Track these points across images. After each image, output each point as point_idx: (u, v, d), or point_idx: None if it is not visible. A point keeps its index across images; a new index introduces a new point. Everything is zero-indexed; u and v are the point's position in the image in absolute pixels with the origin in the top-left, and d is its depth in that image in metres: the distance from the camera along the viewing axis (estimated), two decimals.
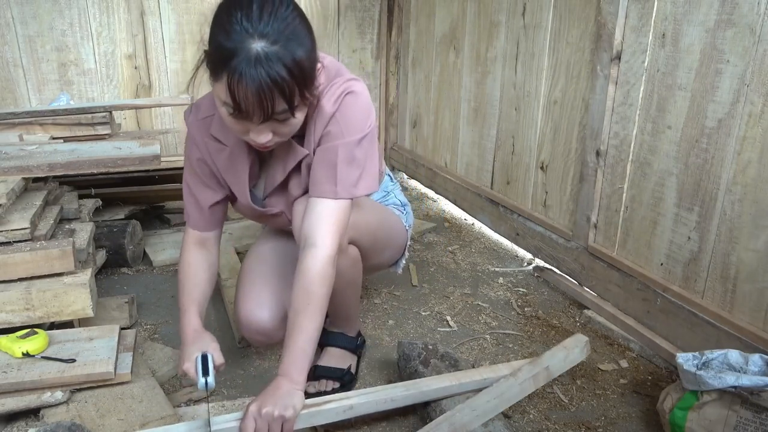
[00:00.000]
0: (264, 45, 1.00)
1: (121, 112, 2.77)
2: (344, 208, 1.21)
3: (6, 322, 1.38)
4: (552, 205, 2.11)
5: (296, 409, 1.08)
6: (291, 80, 1.02)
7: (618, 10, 1.67)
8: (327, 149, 1.21)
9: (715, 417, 1.18)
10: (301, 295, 1.16)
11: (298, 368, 1.14)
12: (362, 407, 1.22)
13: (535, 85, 2.12)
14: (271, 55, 1.00)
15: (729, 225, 1.44)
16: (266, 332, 1.41)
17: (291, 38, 1.03)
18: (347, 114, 1.20)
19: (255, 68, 0.99)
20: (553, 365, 1.32)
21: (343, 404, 1.20)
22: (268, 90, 1.01)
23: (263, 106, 1.03)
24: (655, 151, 1.63)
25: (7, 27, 2.55)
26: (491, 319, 1.84)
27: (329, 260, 1.18)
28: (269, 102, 1.02)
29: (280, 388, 1.10)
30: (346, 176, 1.20)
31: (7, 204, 1.45)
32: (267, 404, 1.05)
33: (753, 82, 1.34)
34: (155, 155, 1.77)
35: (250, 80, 1.00)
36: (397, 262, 1.65)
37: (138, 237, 2.17)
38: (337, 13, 3.11)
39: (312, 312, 1.16)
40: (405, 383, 1.28)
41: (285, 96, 1.03)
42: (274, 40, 1.01)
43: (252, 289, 1.42)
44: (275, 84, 1.01)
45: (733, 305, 1.45)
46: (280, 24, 1.02)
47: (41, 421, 1.23)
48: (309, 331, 1.15)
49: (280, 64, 1.01)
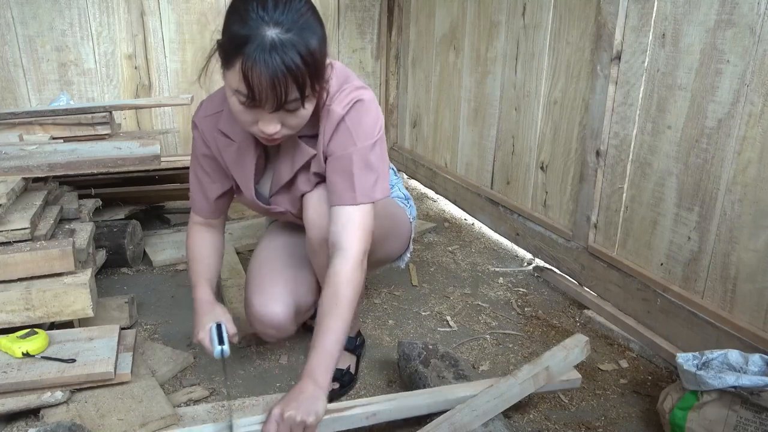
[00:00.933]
0: (279, 32, 1.02)
1: (121, 112, 2.77)
2: (366, 212, 1.23)
3: (6, 322, 1.38)
4: (552, 205, 2.11)
5: (319, 415, 1.07)
6: (304, 68, 1.04)
7: (618, 10, 1.67)
8: (341, 157, 1.22)
9: (715, 417, 1.18)
10: (330, 298, 1.17)
11: (324, 370, 1.13)
12: (386, 414, 1.21)
13: (535, 85, 2.12)
14: (286, 42, 1.02)
15: (729, 225, 1.44)
16: (279, 326, 1.40)
17: (305, 28, 1.04)
18: (358, 122, 1.21)
19: (270, 54, 1.01)
20: (553, 365, 1.31)
21: (367, 410, 1.19)
22: (282, 76, 1.02)
23: (276, 92, 1.04)
24: (655, 151, 1.63)
25: (7, 27, 2.55)
26: (491, 319, 1.84)
27: (358, 263, 1.20)
28: (282, 88, 1.03)
29: (304, 392, 1.09)
30: (364, 182, 1.22)
31: (7, 204, 1.45)
32: (290, 408, 1.05)
33: (753, 82, 1.34)
34: (155, 155, 1.77)
35: (264, 66, 1.01)
36: (401, 255, 1.65)
37: (138, 237, 2.17)
38: (337, 13, 3.11)
39: (340, 314, 1.16)
40: (430, 390, 1.27)
41: (298, 84, 1.04)
42: (288, 28, 1.02)
43: (264, 282, 1.42)
44: (289, 71, 1.02)
45: (733, 305, 1.45)
46: (294, 14, 1.04)
47: (41, 421, 1.23)
48: (336, 332, 1.15)
49: (294, 51, 1.02)
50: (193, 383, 1.48)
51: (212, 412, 1.32)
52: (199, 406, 1.35)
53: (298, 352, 1.64)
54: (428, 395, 1.25)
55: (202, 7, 2.82)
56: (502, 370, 1.58)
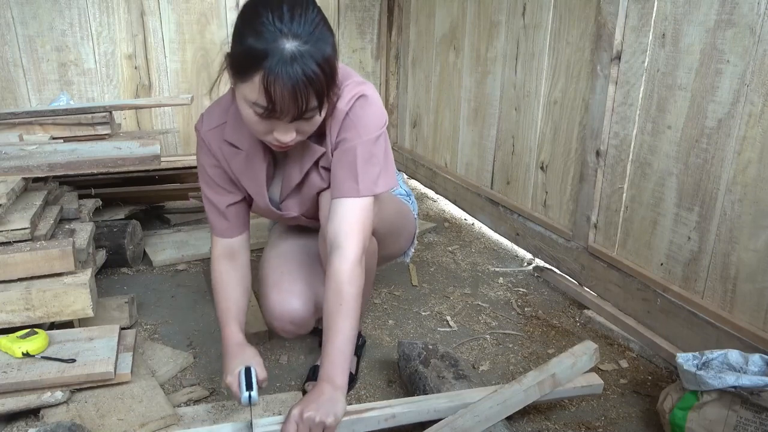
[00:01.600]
0: (297, 45, 1.02)
1: (121, 112, 2.77)
2: (367, 206, 1.23)
3: (6, 322, 1.38)
4: (552, 205, 2.11)
5: (338, 416, 1.08)
6: (323, 77, 1.05)
7: (618, 10, 1.67)
8: (345, 150, 1.22)
9: (715, 417, 1.18)
10: (333, 297, 1.17)
11: (340, 371, 1.13)
12: (404, 416, 1.20)
13: (535, 85, 2.12)
14: (305, 54, 1.02)
15: (729, 225, 1.44)
16: (299, 321, 1.39)
17: (320, 38, 1.05)
18: (362, 116, 1.21)
19: (291, 66, 1.01)
20: (559, 372, 1.30)
21: (385, 412, 1.19)
22: (304, 87, 1.03)
23: (298, 103, 1.05)
24: (655, 151, 1.63)
25: (7, 27, 2.55)
26: (491, 319, 1.84)
27: (357, 261, 1.19)
28: (304, 99, 1.04)
29: (323, 394, 1.09)
30: (367, 174, 1.22)
31: (7, 204, 1.45)
32: (309, 409, 1.05)
33: (753, 82, 1.34)
34: (155, 155, 1.77)
35: (287, 78, 1.01)
36: (406, 251, 1.65)
37: (138, 237, 2.17)
38: (337, 13, 3.12)
39: (346, 312, 1.16)
40: (448, 394, 1.27)
41: (318, 94, 1.05)
42: (305, 40, 1.03)
43: (282, 279, 1.41)
44: (311, 83, 1.03)
45: (733, 305, 1.45)
46: (310, 25, 1.04)
47: (41, 421, 1.23)
48: (345, 331, 1.15)
49: (313, 61, 1.03)
50: (193, 383, 1.48)
51: (212, 412, 1.32)
52: (199, 406, 1.35)
53: (298, 352, 1.64)
54: (447, 398, 1.25)
55: (202, 7, 2.82)
56: (502, 370, 1.58)
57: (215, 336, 1.69)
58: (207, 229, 2.41)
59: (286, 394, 1.41)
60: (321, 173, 1.30)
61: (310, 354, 1.62)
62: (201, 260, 2.20)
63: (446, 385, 1.32)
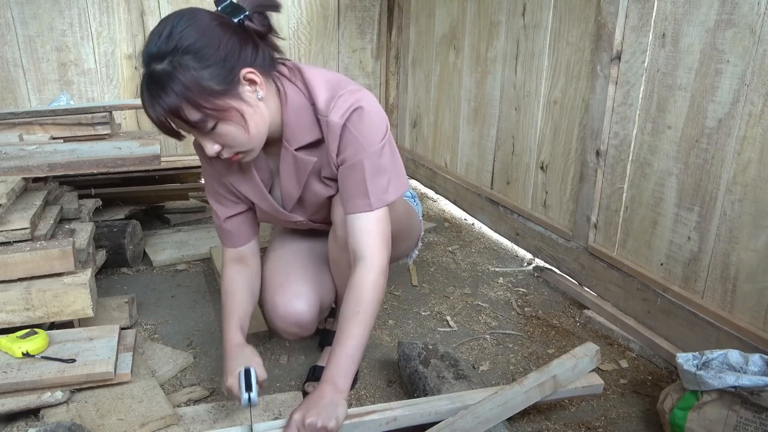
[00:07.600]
0: (153, 68, 1.04)
1: (121, 112, 2.77)
2: (382, 217, 1.22)
3: (6, 322, 1.38)
4: (552, 205, 2.11)
5: (339, 420, 1.07)
6: (180, 101, 1.04)
7: (618, 10, 1.67)
8: (352, 167, 1.20)
9: (715, 417, 1.18)
10: (352, 303, 1.17)
11: (344, 375, 1.13)
12: (406, 419, 1.20)
13: (535, 85, 2.12)
14: (160, 78, 1.03)
15: (729, 225, 1.44)
16: (304, 324, 1.38)
17: (186, 52, 1.03)
18: (363, 130, 1.18)
19: (149, 93, 1.04)
20: (560, 374, 1.30)
21: (387, 416, 1.18)
22: (164, 117, 1.06)
23: (167, 129, 1.09)
24: (655, 151, 1.63)
25: (7, 27, 2.55)
26: (491, 319, 1.84)
27: (381, 270, 1.20)
28: (170, 124, 1.08)
29: (324, 397, 1.09)
30: (377, 187, 1.21)
31: (7, 204, 1.45)
32: (311, 414, 1.05)
33: (753, 82, 1.34)
34: (155, 155, 1.77)
35: (149, 108, 1.06)
36: (410, 252, 1.65)
37: (138, 237, 2.17)
38: (337, 13, 3.12)
39: (362, 319, 1.16)
40: (449, 396, 1.26)
41: (181, 117, 1.06)
42: (168, 61, 1.03)
43: (287, 280, 1.40)
44: (169, 111, 1.05)
45: (733, 305, 1.45)
46: (170, 41, 1.03)
47: (41, 421, 1.23)
48: (357, 337, 1.15)
49: (169, 88, 1.03)
50: (193, 383, 1.48)
51: (212, 412, 1.32)
52: (199, 406, 1.35)
53: (298, 352, 1.64)
54: (448, 400, 1.24)
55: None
56: (501, 370, 1.58)
57: (215, 336, 1.70)
58: (207, 229, 2.41)
59: (285, 395, 1.41)
60: (324, 182, 1.29)
61: (310, 354, 1.62)
62: (201, 260, 2.20)
63: (446, 385, 1.32)
